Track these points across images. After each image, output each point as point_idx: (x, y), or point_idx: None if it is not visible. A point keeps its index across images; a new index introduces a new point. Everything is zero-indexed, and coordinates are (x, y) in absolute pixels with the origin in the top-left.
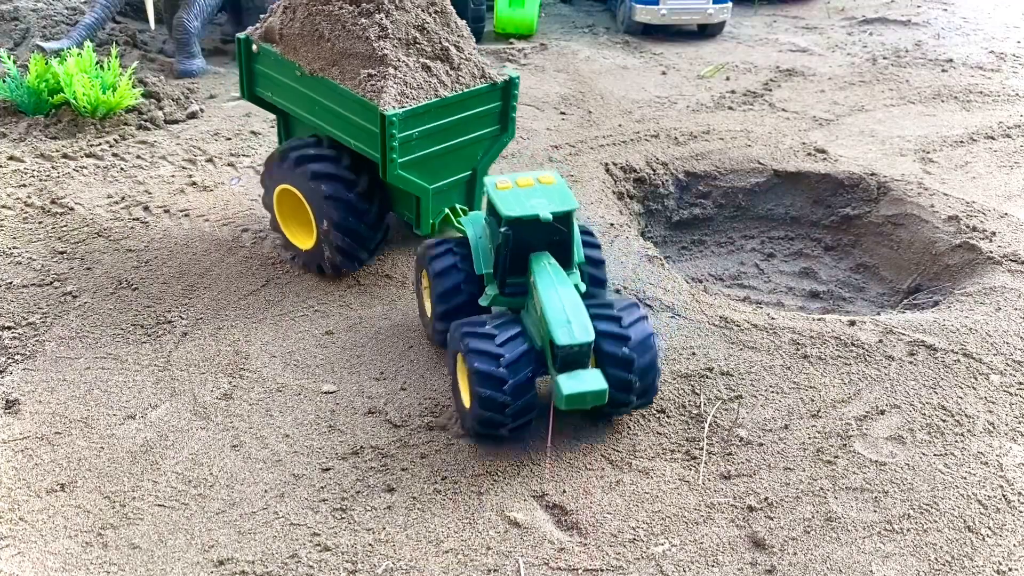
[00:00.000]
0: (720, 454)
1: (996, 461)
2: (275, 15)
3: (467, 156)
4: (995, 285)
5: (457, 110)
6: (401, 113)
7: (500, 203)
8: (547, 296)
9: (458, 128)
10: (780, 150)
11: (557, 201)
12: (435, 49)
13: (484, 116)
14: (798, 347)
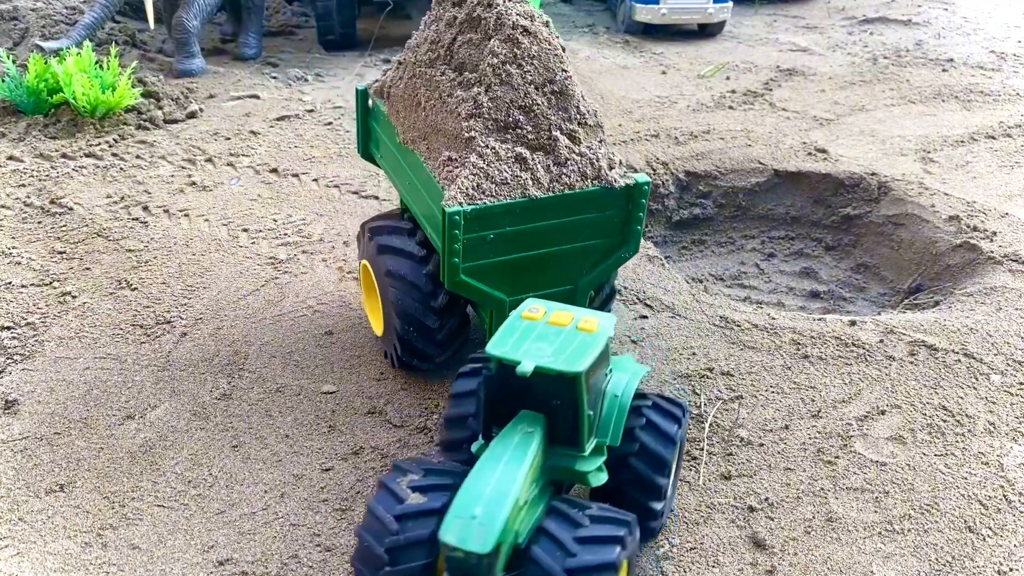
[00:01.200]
0: (720, 454)
1: (997, 461)
2: (391, 69)
3: (567, 269)
4: (996, 285)
5: (552, 214)
6: (468, 211)
7: (498, 333)
8: (477, 472)
9: (553, 236)
10: (780, 150)
11: (569, 356)
12: (539, 137)
13: (593, 225)
14: (799, 347)
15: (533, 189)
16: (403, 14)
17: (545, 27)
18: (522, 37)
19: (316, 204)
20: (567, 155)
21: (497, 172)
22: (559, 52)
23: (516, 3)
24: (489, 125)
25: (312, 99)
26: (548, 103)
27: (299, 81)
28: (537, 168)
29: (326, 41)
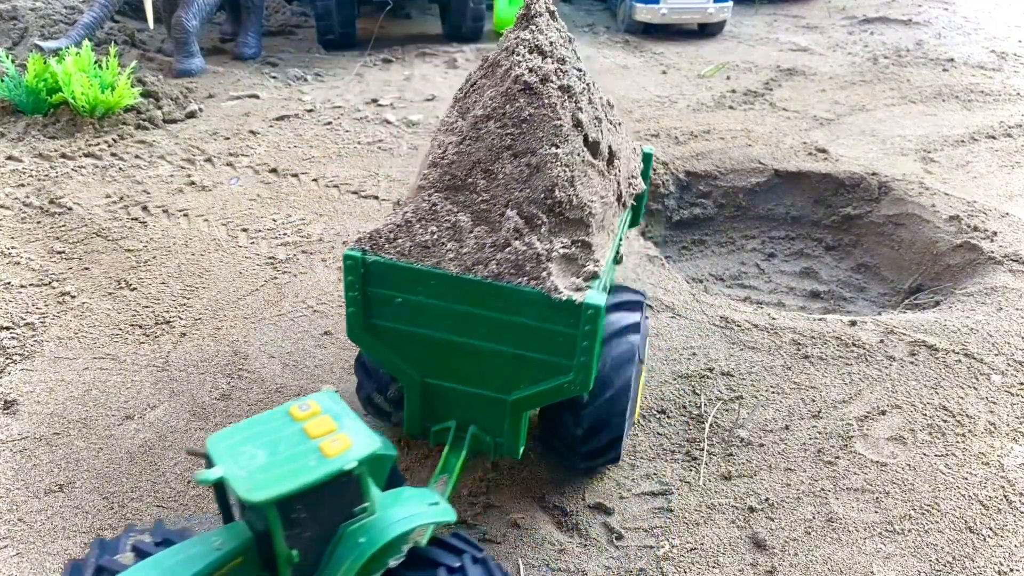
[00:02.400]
0: (721, 455)
1: (997, 461)
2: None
3: (495, 375)
4: (996, 285)
5: (472, 301)
6: (369, 260)
7: (242, 424)
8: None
9: (476, 327)
10: (781, 150)
11: (271, 477)
12: (491, 209)
13: (528, 334)
14: (799, 347)
15: (450, 263)
16: (403, 14)
17: (558, 92)
18: (520, 95)
19: (315, 204)
20: (510, 239)
21: (422, 231)
22: (560, 123)
23: (537, 57)
24: (445, 179)
25: (312, 99)
26: (517, 175)
27: (298, 81)
28: (468, 242)
29: (325, 41)
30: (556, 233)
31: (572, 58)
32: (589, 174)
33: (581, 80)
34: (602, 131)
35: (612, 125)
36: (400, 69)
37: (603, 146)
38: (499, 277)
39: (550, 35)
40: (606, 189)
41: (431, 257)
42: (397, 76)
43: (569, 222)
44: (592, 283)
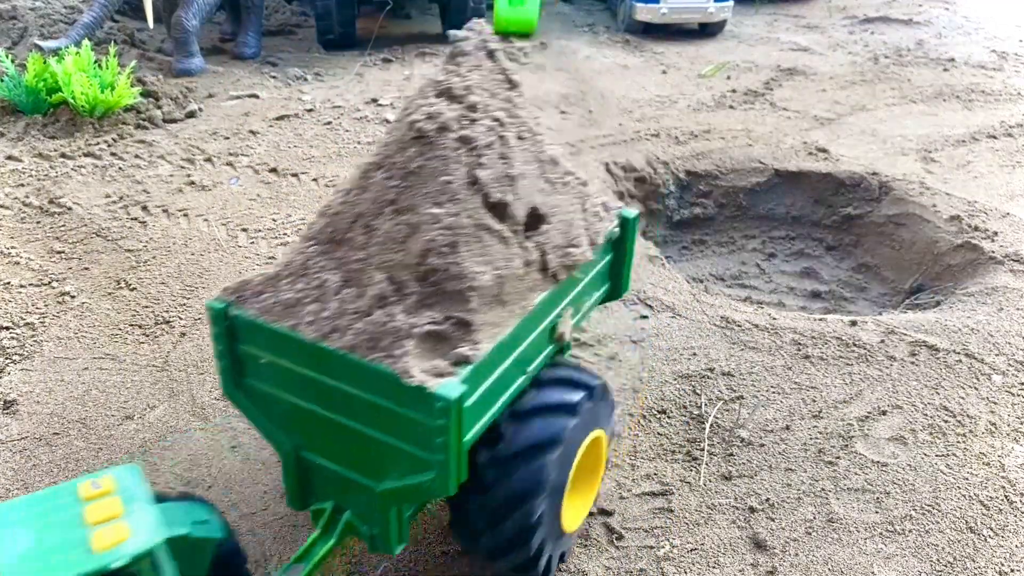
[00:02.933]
0: (721, 455)
1: (998, 462)
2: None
3: (364, 458)
4: (997, 285)
5: (329, 373)
6: (231, 313)
7: (17, 500)
8: None
9: (340, 403)
10: (781, 149)
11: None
12: (363, 271)
13: (388, 418)
14: (799, 347)
15: (308, 327)
16: (403, 13)
17: (455, 143)
18: (412, 144)
19: (315, 204)
20: (372, 308)
21: (288, 287)
22: (449, 180)
23: (442, 102)
24: (327, 231)
25: (311, 98)
26: (395, 234)
27: (298, 81)
28: (331, 305)
29: (325, 40)
30: (428, 306)
31: (495, 106)
32: (484, 240)
33: (496, 132)
34: (517, 191)
35: (547, 184)
36: (400, 69)
37: (514, 209)
38: (354, 349)
39: (470, 78)
40: (509, 259)
41: (291, 318)
42: (397, 76)
43: (446, 295)
44: (460, 368)
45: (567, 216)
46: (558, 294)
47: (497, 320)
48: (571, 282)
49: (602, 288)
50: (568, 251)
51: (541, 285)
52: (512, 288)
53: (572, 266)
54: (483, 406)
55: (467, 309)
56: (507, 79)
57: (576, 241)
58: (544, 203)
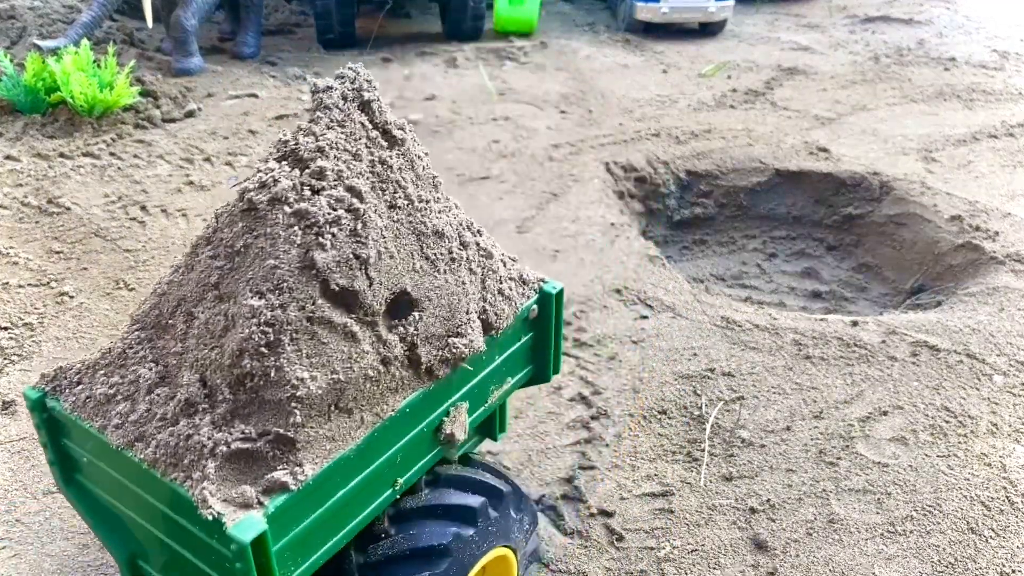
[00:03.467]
0: (722, 456)
1: (999, 462)
2: None
3: (176, 565)
4: (998, 285)
5: (138, 484)
6: (47, 401)
7: None
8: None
9: (152, 518)
10: (782, 149)
11: None
12: (179, 365)
13: (204, 547)
14: (800, 348)
15: (114, 432)
16: (402, 13)
17: (290, 218)
18: (241, 217)
19: None
20: (178, 415)
21: (104, 380)
22: (275, 264)
23: (284, 167)
24: (153, 314)
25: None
26: (212, 327)
27: (298, 80)
28: (140, 407)
29: (325, 40)
30: (243, 417)
31: (356, 171)
32: (319, 337)
33: (346, 204)
34: (372, 275)
35: (426, 262)
36: (400, 68)
37: (368, 297)
38: (155, 464)
39: (326, 137)
40: (356, 358)
41: (100, 417)
42: (397, 75)
43: (265, 404)
44: (273, 499)
45: (450, 299)
46: (439, 391)
47: (336, 433)
48: (463, 374)
49: (520, 373)
50: (450, 341)
51: (411, 383)
52: (359, 393)
53: (456, 358)
54: (320, 535)
55: (289, 424)
56: (385, 135)
57: (461, 329)
58: (417, 285)
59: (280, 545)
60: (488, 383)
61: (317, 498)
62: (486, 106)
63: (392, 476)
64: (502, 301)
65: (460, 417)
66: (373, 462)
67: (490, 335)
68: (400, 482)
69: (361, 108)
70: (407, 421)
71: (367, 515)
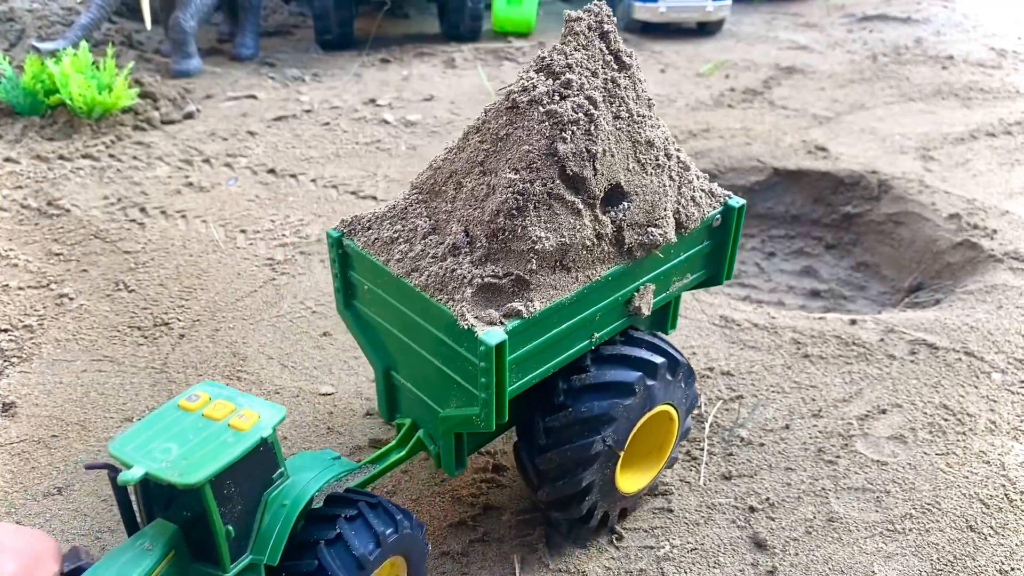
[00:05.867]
0: (721, 454)
1: (998, 460)
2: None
3: (432, 387)
4: (996, 283)
5: (407, 305)
6: (336, 237)
7: (138, 424)
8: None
9: (414, 332)
10: (780, 148)
11: (193, 462)
12: (449, 220)
13: (449, 356)
14: (799, 346)
15: (396, 264)
16: (401, 13)
17: (542, 116)
18: (505, 112)
19: (314, 205)
20: (446, 254)
21: (389, 227)
22: (529, 149)
23: (540, 76)
24: (428, 183)
25: (309, 99)
26: (476, 193)
27: (296, 81)
28: (416, 248)
29: (323, 41)
30: (494, 260)
31: (593, 85)
32: (554, 209)
33: (585, 110)
34: (597, 167)
35: (637, 164)
36: (398, 69)
37: (591, 184)
38: (425, 289)
39: (573, 56)
40: (579, 229)
41: (386, 254)
42: (395, 76)
43: (511, 253)
44: (510, 321)
45: (653, 196)
46: (635, 269)
47: (558, 284)
48: (653, 260)
49: (699, 271)
50: (649, 230)
51: (614, 258)
52: (577, 256)
53: (652, 245)
54: (536, 360)
55: (527, 269)
56: (617, 60)
57: (659, 222)
58: (628, 181)
59: (512, 357)
60: (671, 273)
61: (540, 329)
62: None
63: (591, 330)
64: (693, 206)
65: (647, 295)
66: (581, 312)
67: (680, 232)
68: (596, 336)
69: (601, 37)
70: (609, 287)
71: (570, 355)
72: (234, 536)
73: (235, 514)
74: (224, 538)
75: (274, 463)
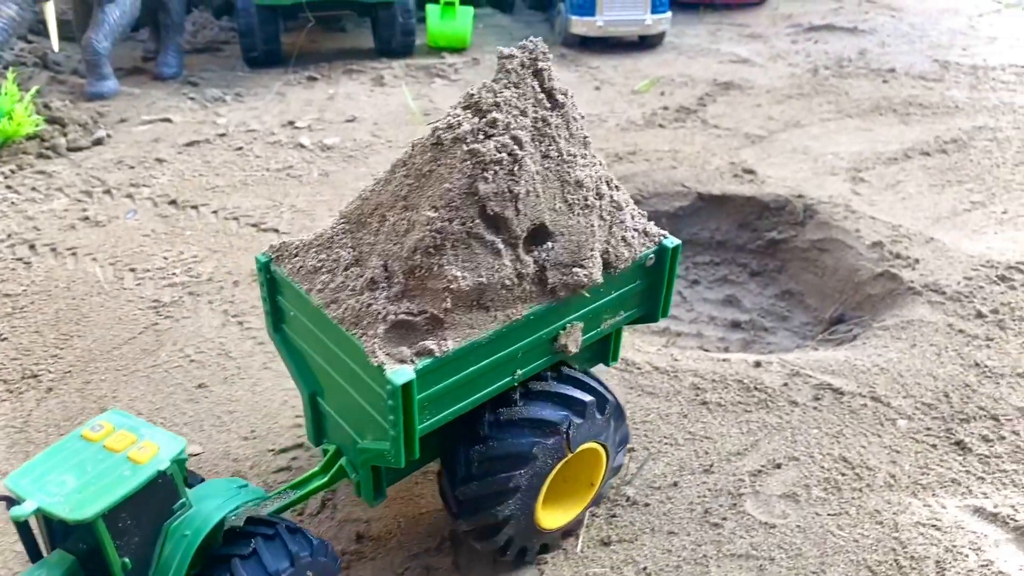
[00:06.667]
0: (604, 516)
1: (891, 520)
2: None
3: (354, 416)
4: (913, 318)
5: (324, 333)
6: (264, 262)
7: (40, 456)
8: None
9: (336, 363)
10: (706, 171)
11: (88, 496)
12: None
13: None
14: (698, 392)
15: (316, 294)
16: (338, 27)
17: (464, 155)
18: (430, 148)
19: (211, 239)
20: (364, 288)
21: (315, 256)
22: (449, 188)
23: (466, 114)
24: (355, 213)
25: (227, 121)
26: (398, 228)
27: (216, 102)
28: (338, 279)
29: (250, 58)
30: (410, 297)
31: (521, 125)
32: (473, 248)
33: (509, 150)
34: (520, 208)
35: (564, 205)
36: (325, 87)
37: (514, 224)
38: (342, 322)
39: (502, 95)
40: (497, 269)
41: (309, 282)
42: (321, 95)
43: (427, 291)
44: (423, 360)
45: (580, 237)
46: (560, 308)
47: (475, 323)
48: (581, 300)
49: (632, 309)
50: (574, 270)
51: (537, 297)
52: (496, 296)
53: (576, 285)
54: (451, 397)
55: (442, 308)
56: (550, 98)
57: (584, 262)
58: (554, 221)
59: (422, 396)
60: (602, 312)
61: (454, 368)
62: (408, 128)
63: (513, 368)
64: (623, 247)
65: (574, 333)
66: (501, 351)
67: (608, 272)
68: (519, 373)
69: (534, 75)
70: (530, 326)
71: (489, 392)
72: (131, 568)
73: (132, 546)
74: (120, 570)
75: (174, 494)
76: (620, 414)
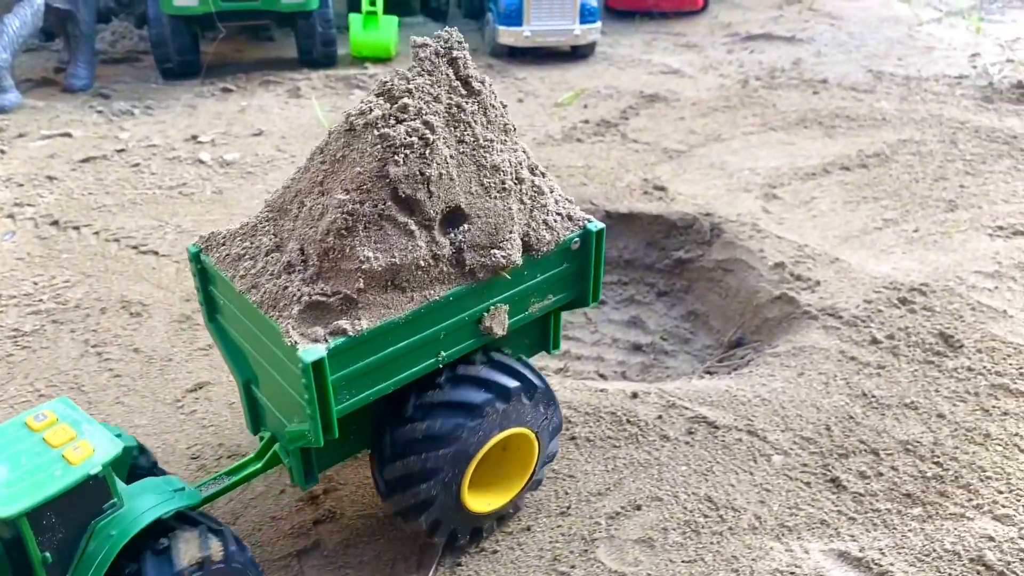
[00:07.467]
0: (449, 566)
1: (748, 567)
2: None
3: (282, 401)
4: (805, 344)
5: (250, 320)
6: (195, 253)
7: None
8: None
9: (261, 348)
10: (616, 189)
11: (17, 491)
12: (290, 238)
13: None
14: (569, 426)
15: (240, 280)
16: (265, 36)
17: (375, 139)
18: (343, 134)
19: (87, 262)
20: (281, 272)
21: (240, 244)
22: (360, 171)
23: (379, 100)
24: (279, 202)
25: (129, 136)
26: (314, 213)
27: (123, 116)
28: (259, 264)
29: (165, 69)
30: (324, 279)
31: (433, 111)
32: (385, 230)
33: (419, 134)
34: (432, 190)
35: (480, 188)
36: (238, 99)
37: (427, 206)
38: (260, 305)
39: (416, 80)
40: (411, 250)
41: (232, 270)
42: (232, 107)
43: (340, 272)
44: (337, 340)
45: (497, 219)
46: (481, 290)
47: (391, 303)
48: (503, 282)
49: (561, 293)
50: (492, 252)
51: (455, 279)
52: (412, 276)
53: (494, 266)
54: (371, 377)
55: (355, 288)
56: (465, 86)
57: (503, 244)
58: (470, 204)
59: (337, 376)
60: (529, 295)
61: (370, 348)
62: (316, 142)
63: (436, 349)
64: (545, 230)
65: (499, 316)
66: (421, 332)
67: (530, 255)
68: (443, 355)
69: (449, 63)
70: (450, 307)
71: (412, 373)
72: (52, 562)
73: (55, 542)
74: (40, 563)
75: (106, 494)
76: (550, 400)
